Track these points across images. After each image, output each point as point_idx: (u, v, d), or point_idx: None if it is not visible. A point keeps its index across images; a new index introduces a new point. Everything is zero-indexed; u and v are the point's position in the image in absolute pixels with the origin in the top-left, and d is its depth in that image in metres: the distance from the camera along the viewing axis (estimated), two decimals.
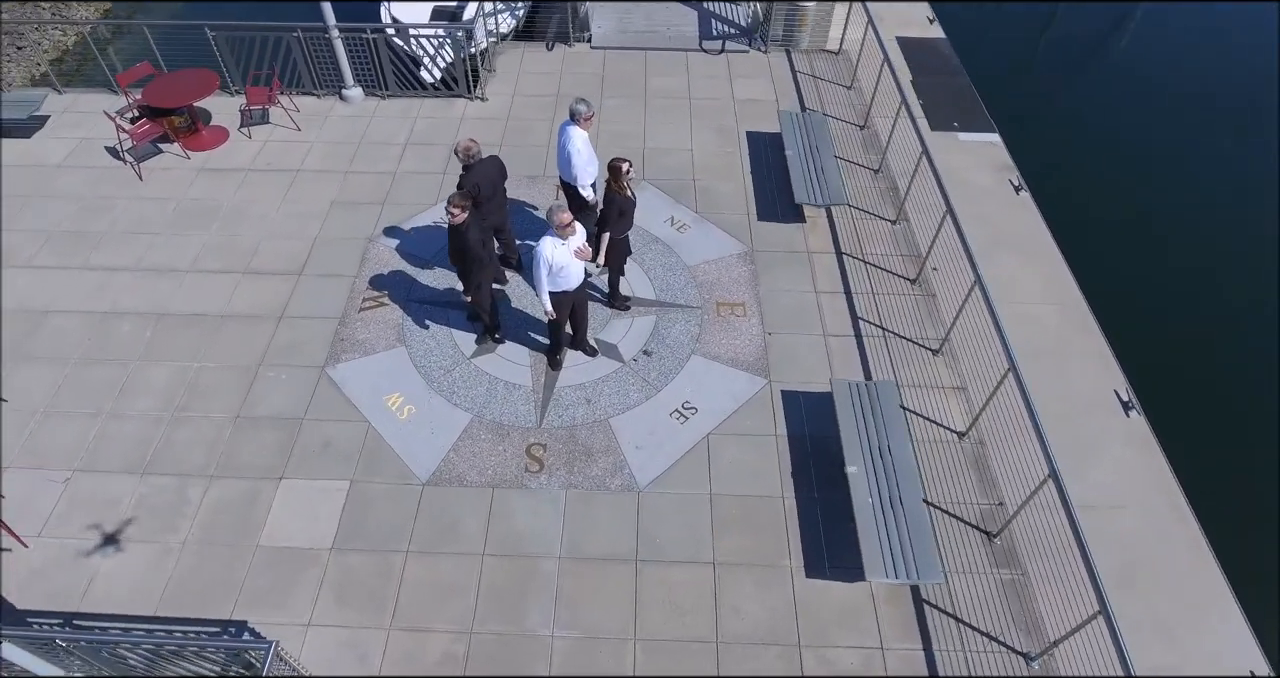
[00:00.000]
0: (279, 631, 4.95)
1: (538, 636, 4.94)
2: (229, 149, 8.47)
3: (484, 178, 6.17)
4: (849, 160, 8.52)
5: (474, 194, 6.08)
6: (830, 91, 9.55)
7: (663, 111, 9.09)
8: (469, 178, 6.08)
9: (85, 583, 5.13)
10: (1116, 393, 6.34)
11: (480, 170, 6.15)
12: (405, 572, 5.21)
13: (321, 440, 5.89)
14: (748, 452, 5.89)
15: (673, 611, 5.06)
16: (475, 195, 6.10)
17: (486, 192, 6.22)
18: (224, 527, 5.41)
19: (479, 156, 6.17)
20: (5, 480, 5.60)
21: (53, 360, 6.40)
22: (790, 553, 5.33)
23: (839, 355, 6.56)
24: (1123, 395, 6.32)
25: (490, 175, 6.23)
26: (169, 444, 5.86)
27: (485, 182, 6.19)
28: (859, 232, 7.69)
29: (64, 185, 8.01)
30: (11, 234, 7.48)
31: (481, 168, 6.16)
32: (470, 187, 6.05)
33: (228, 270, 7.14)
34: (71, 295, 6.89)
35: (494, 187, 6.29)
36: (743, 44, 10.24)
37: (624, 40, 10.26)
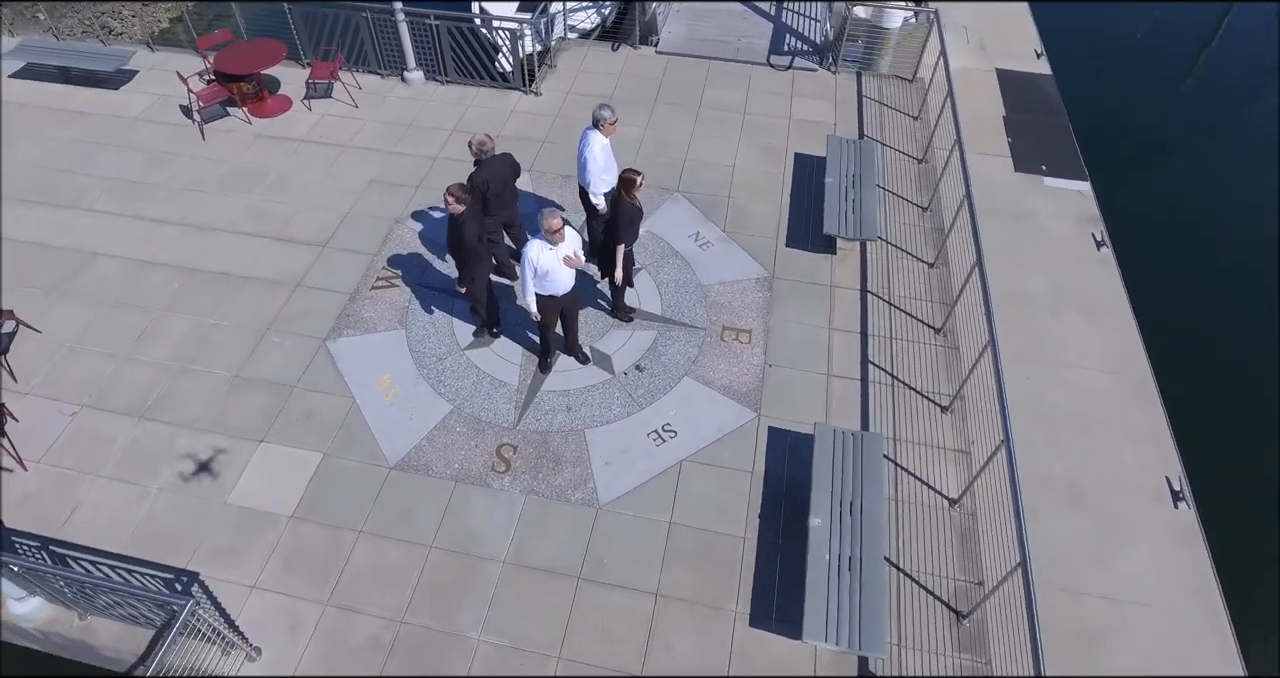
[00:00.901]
0: (226, 588, 5.19)
1: (464, 637, 4.97)
2: (289, 118, 8.93)
3: (494, 174, 6.24)
4: (897, 194, 8.17)
5: (483, 190, 6.17)
6: (894, 120, 9.18)
7: (713, 124, 8.97)
8: (479, 173, 6.17)
9: (69, 512, 5.53)
10: (1168, 480, 5.81)
11: (491, 167, 6.22)
12: (354, 551, 5.35)
13: (306, 410, 6.12)
14: (719, 485, 5.73)
15: (603, 635, 4.98)
16: (484, 192, 6.19)
17: (495, 188, 6.29)
18: (202, 484, 5.70)
19: (492, 153, 6.25)
20: (22, 406, 6.09)
21: (89, 300, 6.92)
22: (738, 597, 5.15)
23: (838, 398, 6.30)
24: (1174, 484, 5.79)
25: (500, 172, 6.29)
26: (170, 393, 6.24)
27: (495, 178, 6.26)
28: (891, 270, 7.35)
29: (136, 137, 8.66)
30: (81, 177, 8.14)
31: (492, 164, 6.24)
32: (480, 182, 6.14)
33: (260, 234, 7.53)
34: (119, 242, 7.44)
35: (503, 184, 6.35)
36: (812, 62, 9.98)
37: (691, 47, 10.19)
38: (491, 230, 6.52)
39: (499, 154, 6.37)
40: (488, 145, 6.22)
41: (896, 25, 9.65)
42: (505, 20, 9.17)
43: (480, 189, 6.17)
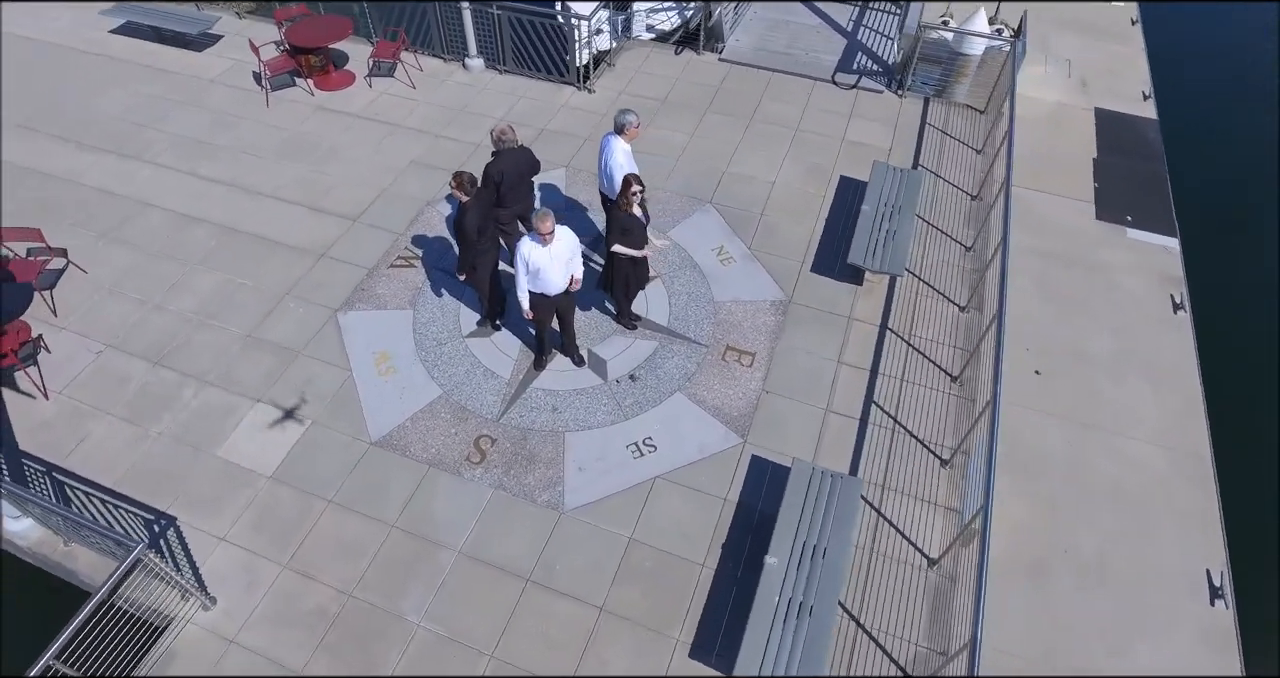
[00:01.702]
0: (198, 536, 5.48)
1: (405, 619, 5.08)
2: (349, 93, 9.33)
3: (510, 166, 6.28)
4: (942, 230, 7.82)
5: (497, 181, 6.24)
6: (955, 152, 8.79)
7: (762, 137, 8.82)
8: (496, 163, 6.23)
9: (76, 443, 5.96)
10: (1209, 573, 5.38)
11: (508, 158, 6.27)
12: (321, 519, 5.55)
13: (304, 378, 6.38)
14: (689, 507, 5.64)
15: (540, 641, 4.99)
16: (498, 182, 6.26)
17: (511, 180, 6.33)
18: (196, 430, 6.04)
19: (512, 144, 6.30)
20: (56, 339, 6.60)
21: (134, 248, 7.44)
22: (684, 625, 5.07)
23: (832, 435, 6.09)
24: (1215, 578, 5.35)
25: (517, 165, 6.33)
26: (187, 344, 6.63)
27: (511, 170, 6.30)
28: (918, 309, 7.05)
29: (209, 98, 9.24)
30: (153, 131, 8.75)
31: (510, 156, 6.29)
32: (495, 173, 6.21)
33: (299, 203, 7.90)
34: (172, 196, 7.96)
35: (519, 176, 6.38)
36: (879, 83, 9.68)
37: (755, 57, 10.06)
38: (505, 222, 6.60)
39: (519, 147, 6.43)
40: (508, 136, 6.29)
41: (978, 52, 9.23)
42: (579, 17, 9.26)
43: (495, 179, 6.26)
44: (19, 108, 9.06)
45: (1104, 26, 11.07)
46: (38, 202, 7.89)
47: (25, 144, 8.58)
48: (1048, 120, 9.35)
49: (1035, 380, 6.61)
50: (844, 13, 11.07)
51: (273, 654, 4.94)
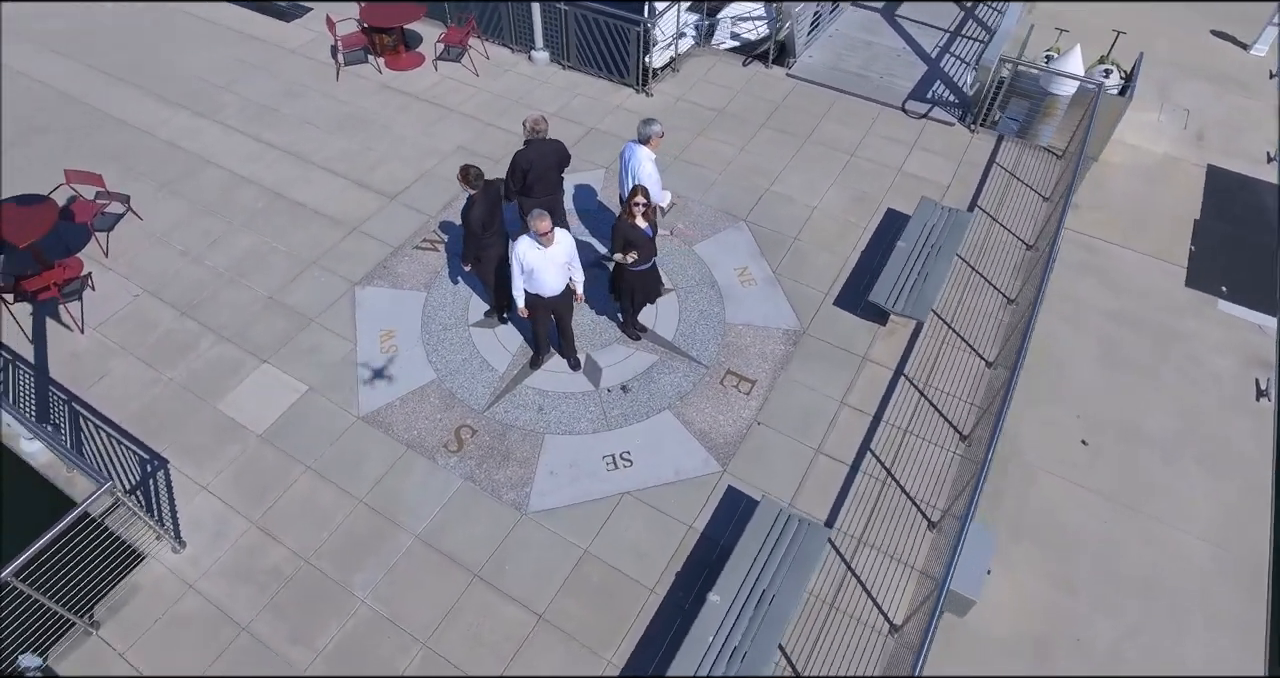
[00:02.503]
0: (184, 481, 5.82)
1: (351, 593, 5.24)
2: (415, 75, 9.67)
3: (539, 157, 6.33)
4: (986, 279, 7.42)
5: (525, 169, 6.31)
6: (1020, 196, 8.32)
7: (813, 159, 8.60)
8: (525, 153, 6.29)
9: (97, 378, 6.43)
10: None
11: (538, 149, 6.33)
12: (296, 483, 5.79)
13: (311, 344, 6.67)
14: (651, 529, 5.58)
15: (472, 638, 5.05)
16: (526, 170, 6.33)
17: (538, 171, 6.38)
18: (204, 381, 6.41)
19: (544, 135, 6.35)
20: (102, 279, 7.14)
21: (188, 201, 7.96)
22: (618, 648, 5.01)
23: (817, 478, 5.89)
24: None
25: (545, 157, 6.37)
26: (214, 298, 7.04)
27: (539, 161, 6.34)
28: (940, 359, 6.72)
29: (285, 67, 9.77)
30: (227, 93, 9.34)
31: (540, 147, 6.34)
32: (524, 162, 6.29)
33: (344, 175, 8.25)
34: (231, 155, 8.47)
35: (546, 168, 6.42)
36: (952, 115, 9.27)
37: (825, 76, 9.81)
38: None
39: (550, 139, 6.47)
40: (541, 127, 6.34)
41: (1067, 92, 8.70)
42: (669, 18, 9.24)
43: (523, 168, 6.34)
44: (119, 60, 9.84)
45: (1236, 76, 10.28)
46: (114, 148, 8.56)
47: (116, 93, 9.32)
48: (1151, 173, 8.82)
49: (1080, 451, 6.25)
50: (931, 38, 10.67)
51: (224, 606, 5.19)
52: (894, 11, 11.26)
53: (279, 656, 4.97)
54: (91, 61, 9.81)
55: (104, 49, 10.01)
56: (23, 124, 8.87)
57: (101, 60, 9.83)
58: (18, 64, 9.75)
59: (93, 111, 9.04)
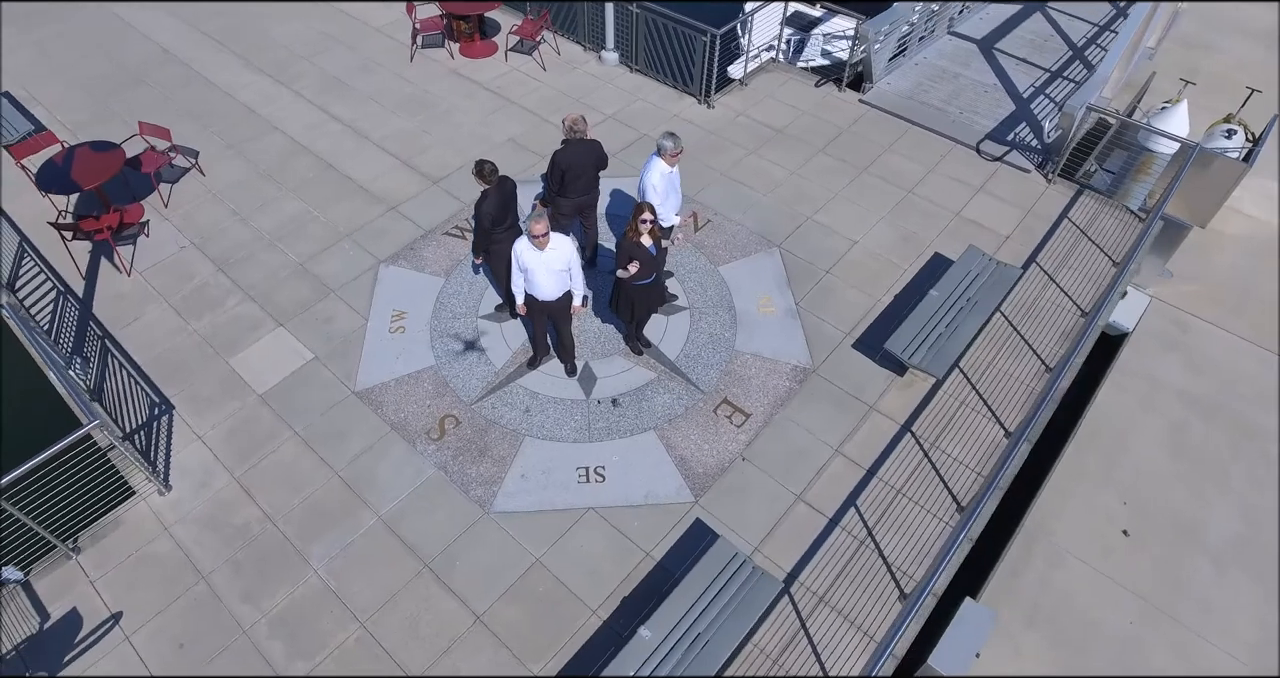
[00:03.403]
0: (183, 428, 6.19)
1: (307, 562, 5.43)
2: (485, 63, 9.91)
3: (576, 157, 6.34)
4: (1026, 341, 6.94)
5: (563, 169, 6.35)
6: (1087, 258, 7.73)
7: (866, 191, 8.28)
8: (563, 153, 6.32)
9: (131, 320, 6.93)
10: None
11: (576, 150, 6.34)
12: (280, 448, 6.05)
13: (327, 315, 6.95)
14: (609, 550, 5.52)
15: (408, 627, 5.14)
16: (564, 171, 6.36)
17: (575, 172, 6.41)
18: (223, 338, 6.79)
19: (581, 135, 6.36)
20: (157, 227, 7.69)
21: (249, 163, 8.45)
22: (546, 664, 5.00)
23: (791, 526, 5.67)
24: None
25: (583, 157, 6.37)
26: (250, 257, 7.45)
27: (576, 162, 6.36)
28: (955, 422, 6.34)
29: (364, 44, 10.22)
30: (306, 64, 9.87)
31: (578, 147, 6.35)
32: (562, 162, 6.32)
33: (395, 155, 8.55)
34: (296, 124, 8.93)
35: (583, 169, 6.44)
36: (1030, 162, 8.72)
37: (899, 106, 9.42)
38: (565, 213, 6.73)
39: (589, 140, 6.47)
40: (579, 127, 6.35)
41: (1165, 151, 8.04)
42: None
43: (561, 168, 6.38)
44: (221, 24, 10.55)
45: None
46: (196, 105, 9.18)
47: (211, 55, 10.00)
48: (1264, 248, 8.23)
49: (1120, 541, 5.88)
50: (1029, 76, 10.08)
51: (191, 553, 5.49)
52: (993, 44, 10.71)
53: (228, 611, 5.21)
54: (197, 23, 10.56)
55: (209, 13, 10.76)
56: (128, 75, 9.66)
57: (206, 23, 10.56)
58: (134, 18, 10.61)
59: (187, 70, 9.74)
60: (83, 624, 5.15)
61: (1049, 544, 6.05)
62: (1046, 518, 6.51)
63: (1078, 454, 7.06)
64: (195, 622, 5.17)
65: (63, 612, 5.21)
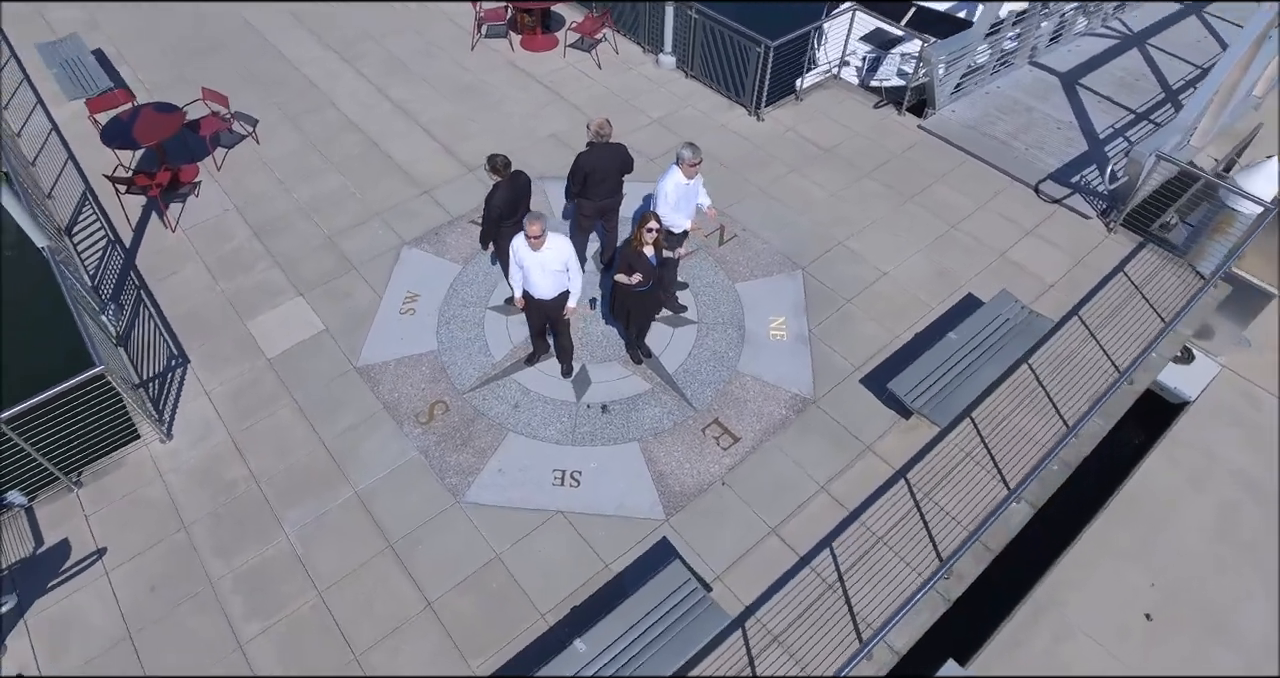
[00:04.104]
0: (194, 382, 6.55)
1: (281, 526, 5.67)
2: (544, 57, 10.06)
3: (600, 161, 6.37)
4: (1050, 398, 6.57)
5: (586, 172, 6.39)
6: (1136, 316, 7.26)
7: (907, 221, 8.00)
8: (587, 156, 6.36)
9: (168, 274, 7.37)
10: None
11: (599, 152, 6.36)
12: (277, 412, 6.33)
13: (346, 290, 7.21)
14: (569, 556, 5.54)
15: (362, 602, 5.30)
16: (587, 173, 6.41)
17: (598, 175, 6.44)
18: (246, 301, 7.14)
19: (606, 139, 6.38)
20: (207, 188, 8.14)
21: (302, 135, 8.84)
22: (486, 662, 5.06)
23: (759, 559, 5.56)
24: None
25: (606, 162, 6.39)
26: (286, 226, 7.81)
27: (600, 166, 6.39)
28: (954, 474, 6.08)
29: (432, 29, 10.54)
30: (373, 44, 10.25)
31: (603, 151, 6.36)
32: (586, 164, 6.37)
33: (439, 140, 8.79)
34: (351, 102, 9.29)
35: (606, 173, 6.46)
36: (1093, 208, 8.24)
37: (960, 135, 9.06)
38: (587, 214, 6.80)
39: (614, 143, 6.49)
40: (605, 131, 6.37)
41: (1247, 211, 7.47)
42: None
43: (585, 170, 6.44)
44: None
45: None
46: (265, 75, 9.67)
47: (287, 29, 10.51)
48: None
49: (1140, 625, 5.58)
50: (1109, 117, 9.54)
51: (179, 502, 5.81)
52: (1077, 79, 10.17)
53: (200, 561, 5.49)
54: None
55: None
56: (207, 42, 10.26)
57: None
58: None
59: (262, 41, 10.26)
60: (70, 555, 5.53)
61: (1059, 617, 5.75)
62: (1061, 589, 6.17)
63: (1109, 525, 6.67)
64: (169, 567, 5.47)
65: (55, 540, 5.60)
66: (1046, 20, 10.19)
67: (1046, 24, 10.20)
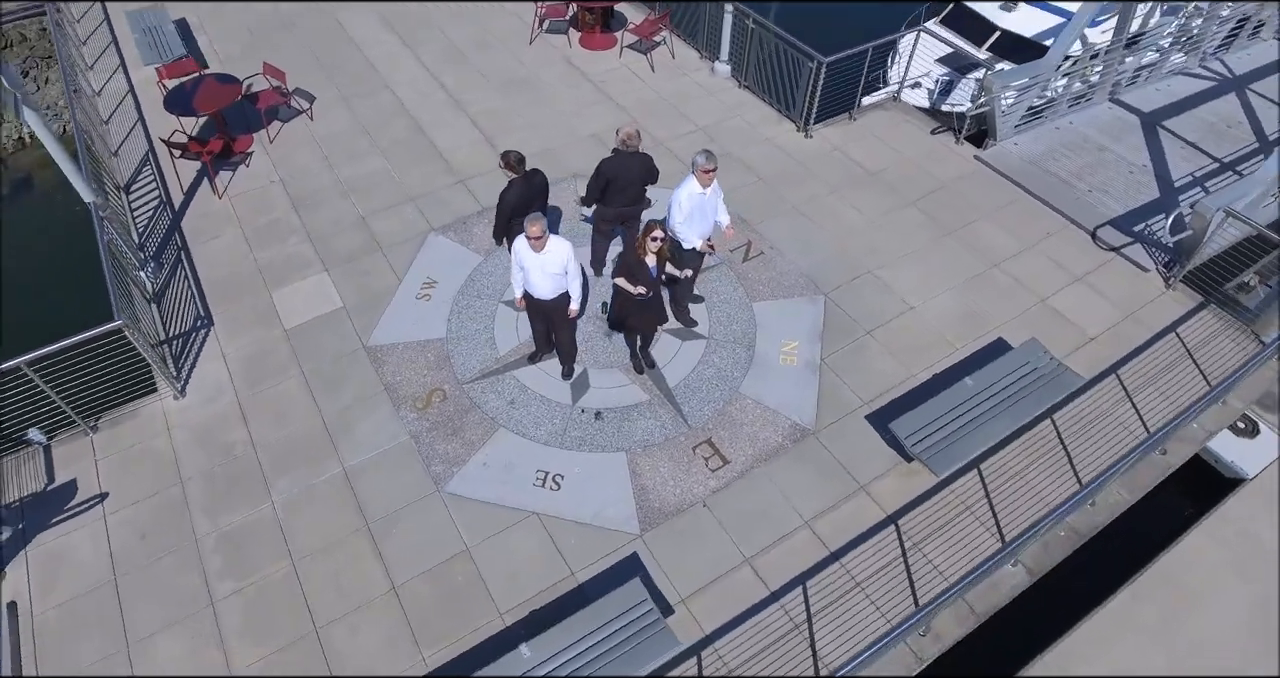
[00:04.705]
0: (213, 345, 6.89)
1: (269, 493, 5.90)
2: (600, 56, 10.13)
3: (623, 170, 6.37)
4: (1070, 458, 6.23)
5: (609, 177, 6.42)
6: (1182, 380, 6.80)
7: (944, 255, 7.70)
8: (610, 162, 6.37)
9: (209, 240, 7.76)
10: None
11: (622, 160, 6.36)
12: (285, 382, 6.59)
13: (369, 268, 7.45)
14: (537, 558, 5.58)
15: (331, 576, 5.47)
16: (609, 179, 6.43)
17: (619, 183, 6.46)
18: (275, 271, 7.46)
19: (633, 149, 6.38)
20: (257, 159, 8.53)
21: (354, 115, 9.17)
22: (438, 653, 5.15)
23: (727, 588, 5.47)
24: None
25: (629, 170, 6.40)
26: (323, 203, 8.11)
27: (623, 174, 6.40)
28: (950, 528, 5.83)
29: (493, 20, 10.77)
30: (437, 31, 10.54)
31: (626, 160, 6.35)
32: (607, 169, 6.40)
33: (482, 131, 8.97)
34: (407, 87, 9.58)
35: (628, 182, 6.48)
36: (1153, 260, 7.76)
37: (1019, 170, 8.67)
38: (607, 219, 6.83)
39: (639, 153, 6.48)
40: (632, 141, 6.37)
41: None
42: None
43: (606, 177, 6.47)
44: None
45: None
46: (329, 54, 10.07)
47: (356, 10, 10.89)
48: None
49: None
50: (1191, 163, 8.96)
51: (180, 458, 6.11)
52: (1161, 121, 9.59)
53: (189, 517, 5.77)
54: None
55: None
56: (280, 19, 10.74)
57: None
58: None
59: (332, 21, 10.68)
60: (76, 495, 5.89)
61: None
62: (1070, 661, 5.83)
63: (1135, 601, 6.27)
64: (161, 519, 5.76)
65: (65, 480, 5.98)
66: (1133, 56, 9.64)
67: (1132, 60, 9.65)
